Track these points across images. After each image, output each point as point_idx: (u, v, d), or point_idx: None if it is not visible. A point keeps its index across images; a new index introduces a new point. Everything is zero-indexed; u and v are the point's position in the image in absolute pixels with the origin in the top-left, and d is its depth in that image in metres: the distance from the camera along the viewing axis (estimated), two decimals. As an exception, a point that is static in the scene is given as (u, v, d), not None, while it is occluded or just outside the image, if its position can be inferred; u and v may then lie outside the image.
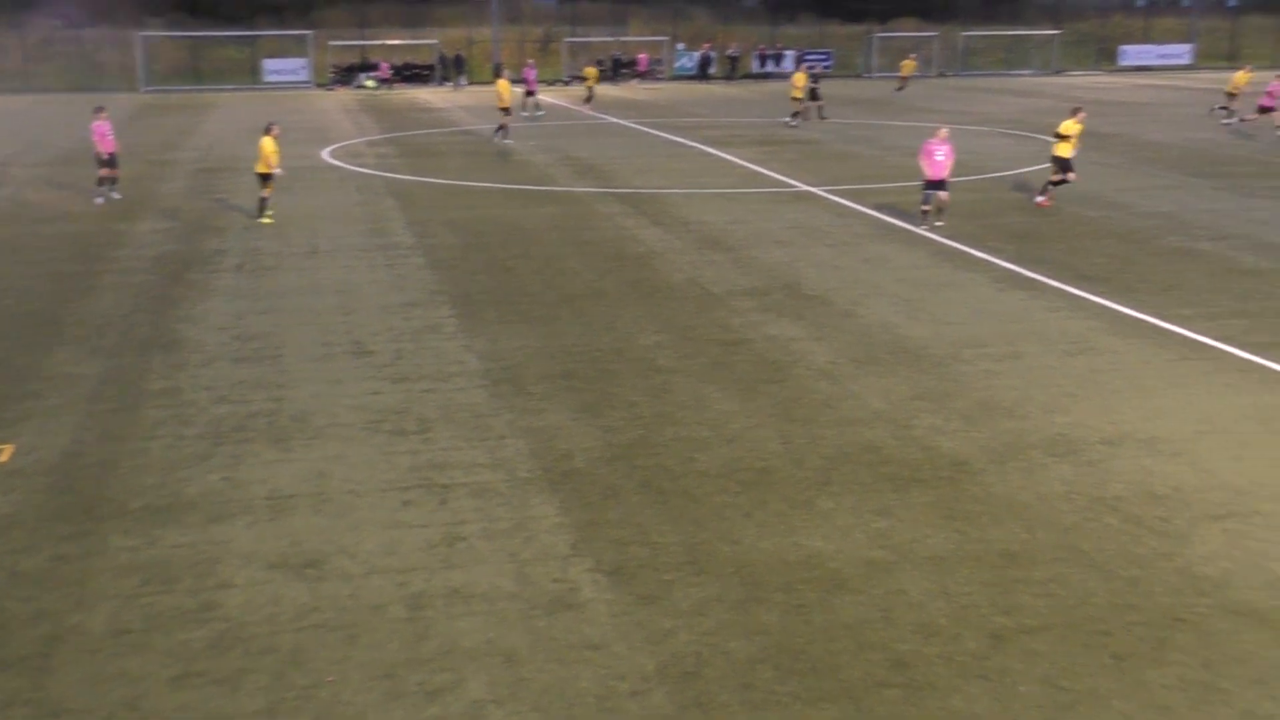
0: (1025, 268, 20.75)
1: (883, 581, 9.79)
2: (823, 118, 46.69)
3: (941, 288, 19.45)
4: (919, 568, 10.00)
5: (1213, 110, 47.12)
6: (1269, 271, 20.48)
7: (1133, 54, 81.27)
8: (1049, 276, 20.10)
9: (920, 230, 23.79)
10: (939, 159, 23.72)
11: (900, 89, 62.09)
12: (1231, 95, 45.57)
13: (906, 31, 79.28)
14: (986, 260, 21.35)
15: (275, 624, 9.22)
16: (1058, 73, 77.68)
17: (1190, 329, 16.92)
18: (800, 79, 45.85)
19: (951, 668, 8.64)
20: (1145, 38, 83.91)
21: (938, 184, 23.90)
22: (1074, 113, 26.78)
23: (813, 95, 46.63)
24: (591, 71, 56.67)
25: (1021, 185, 29.93)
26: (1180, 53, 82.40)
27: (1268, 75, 52.41)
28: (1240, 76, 46.24)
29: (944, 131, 24.01)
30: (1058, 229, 24.29)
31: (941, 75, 75.54)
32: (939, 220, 24.16)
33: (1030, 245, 22.64)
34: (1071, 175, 26.56)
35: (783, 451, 12.43)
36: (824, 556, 10.20)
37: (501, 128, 39.34)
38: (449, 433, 12.96)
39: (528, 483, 11.66)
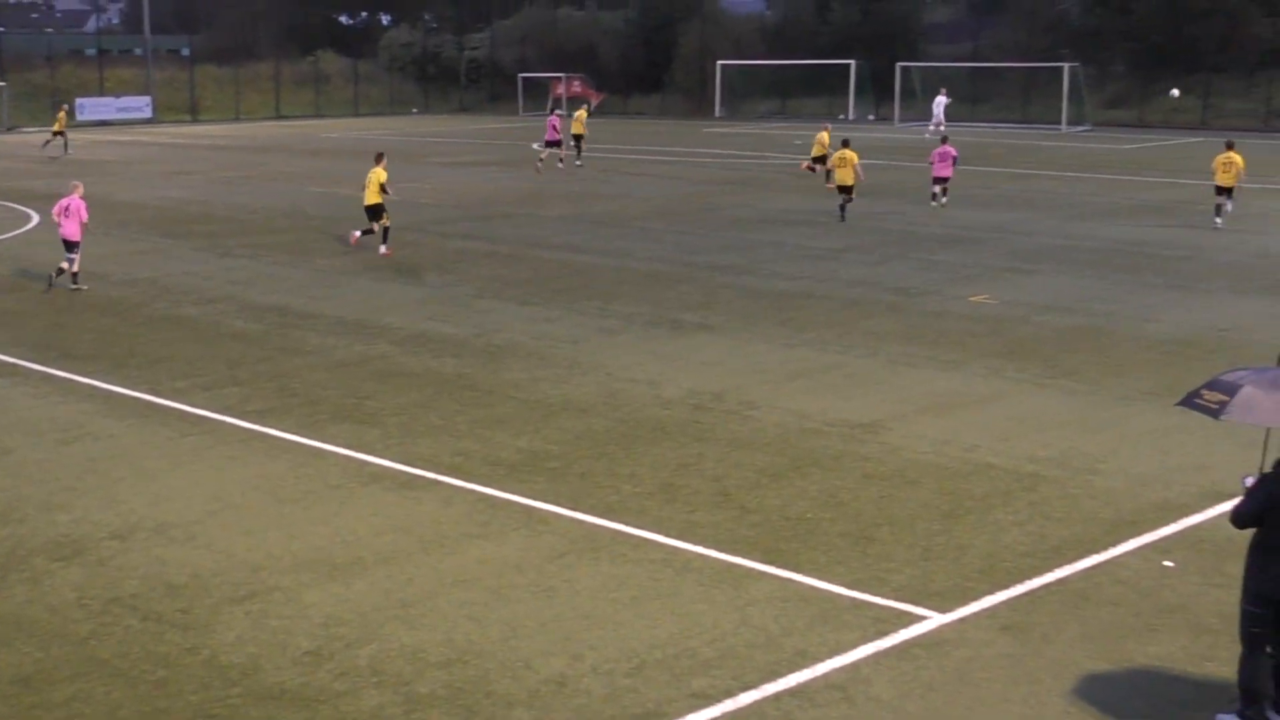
0: (0, 351, 20.23)
1: (-126, 739, 9.12)
2: None
3: (-97, 383, 18.43)
4: (-83, 715, 9.44)
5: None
6: (257, 334, 21.64)
7: (91, 107, 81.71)
8: (30, 359, 19.76)
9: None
10: (69, 219, 24.90)
11: (50, 144, 57.02)
12: (578, 137, 51.98)
13: None
14: (-47, 347, 20.55)
15: None
16: (10, 130, 76.09)
17: (187, 403, 17.44)
18: None
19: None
20: (102, 90, 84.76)
21: (71, 245, 25.07)
22: (378, 159, 29.51)
23: None
24: None
25: (-17, 258, 29.09)
26: (141, 105, 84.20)
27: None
28: (581, 115, 53.44)
29: (79, 188, 25.33)
30: (30, 305, 23.94)
31: None
32: (76, 284, 25.13)
33: (3, 325, 22.09)
34: (385, 220, 29.41)
35: None
36: None
37: None
38: None
39: None
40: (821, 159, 42.07)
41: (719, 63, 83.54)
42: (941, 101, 65.97)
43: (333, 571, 11.93)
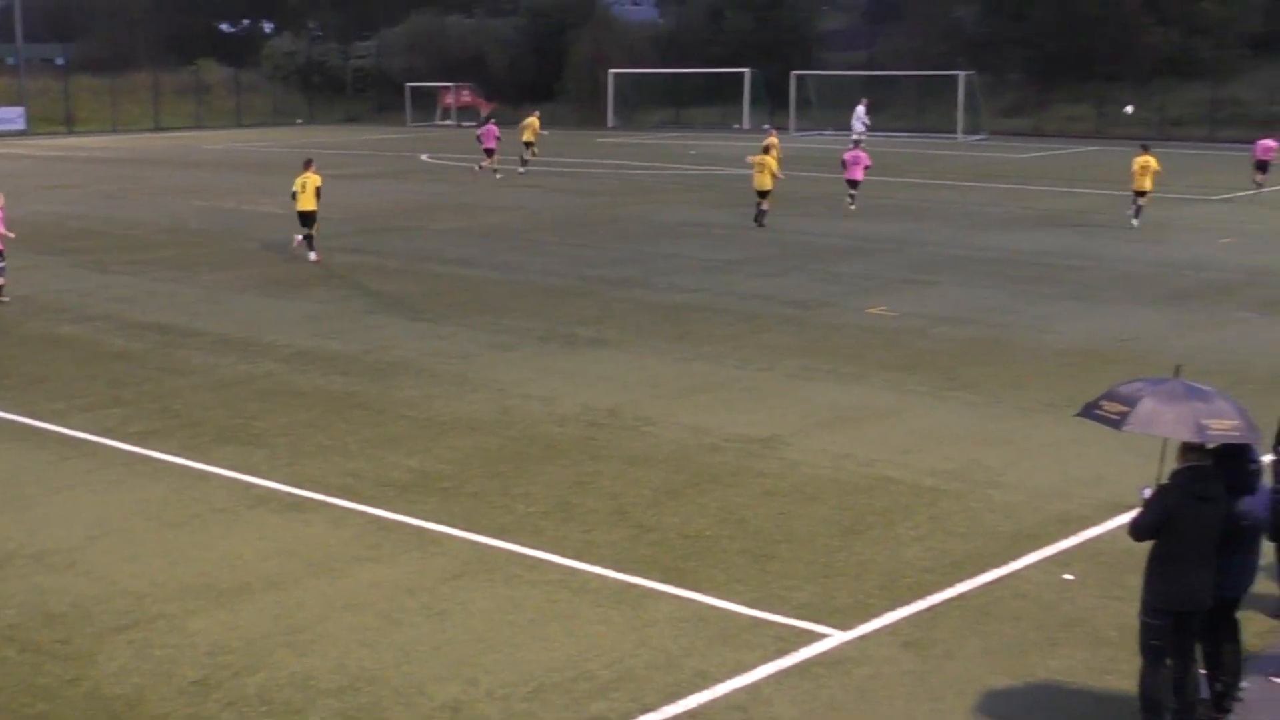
0: None
1: None
2: None
3: None
4: None
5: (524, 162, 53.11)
6: (139, 353, 21.37)
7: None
8: (-104, 382, 19.40)
9: None
10: None
11: None
12: (528, 144, 53.27)
13: None
14: None
15: None
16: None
17: (66, 425, 17.18)
18: None
19: None
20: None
21: None
22: (306, 165, 30.86)
23: None
24: None
25: None
26: (13, 117, 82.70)
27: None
28: (533, 122, 54.39)
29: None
30: (-102, 325, 23.49)
31: None
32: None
33: None
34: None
35: None
36: None
37: None
38: None
39: None
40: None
41: (611, 71, 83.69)
42: (860, 112, 67.02)
43: (219, 598, 11.82)
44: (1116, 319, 23.91)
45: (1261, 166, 44.53)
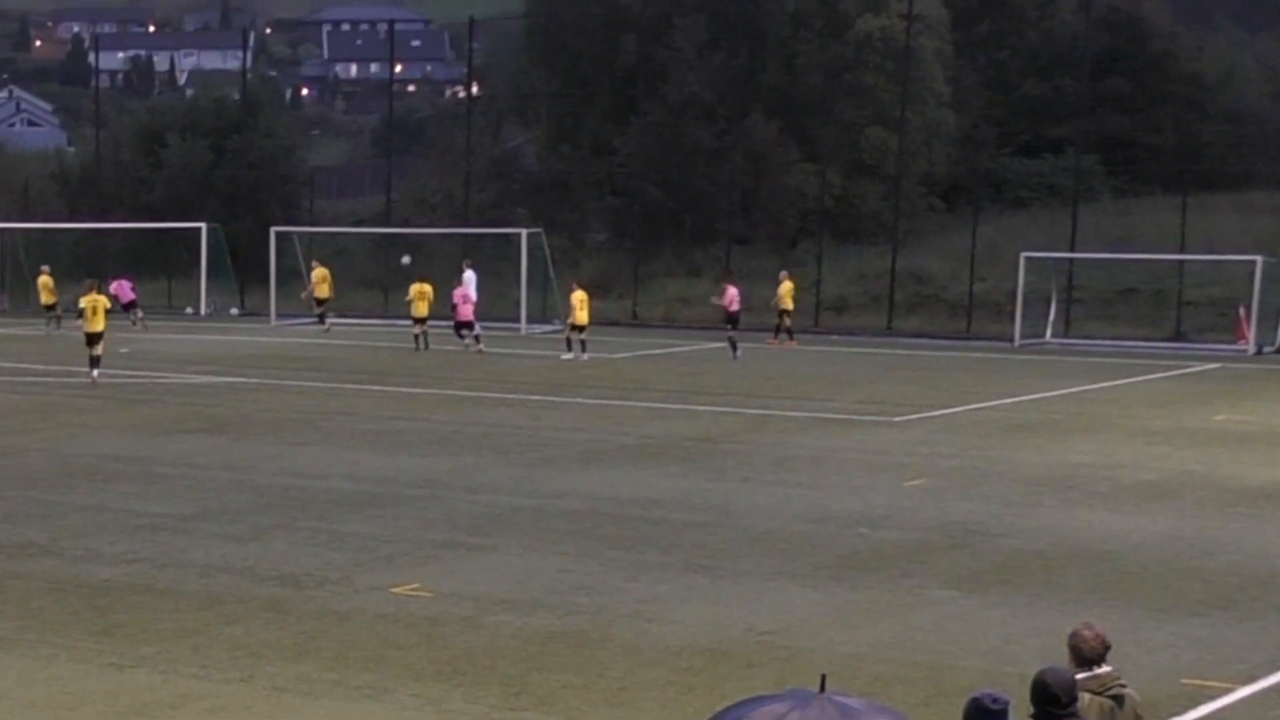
0: None
1: None
2: None
3: None
4: None
5: None
6: None
7: None
8: None
9: None
10: None
11: None
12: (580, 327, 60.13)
13: None
14: None
15: None
16: None
17: None
18: None
19: None
20: None
21: None
22: (95, 287, 43.57)
23: None
24: None
25: None
26: None
27: None
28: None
29: None
30: None
31: None
32: None
33: None
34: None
35: None
36: None
37: None
38: None
39: None
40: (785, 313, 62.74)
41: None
42: (471, 278, 67.99)
43: None
44: (756, 601, 24.51)
45: (732, 319, 61.05)
